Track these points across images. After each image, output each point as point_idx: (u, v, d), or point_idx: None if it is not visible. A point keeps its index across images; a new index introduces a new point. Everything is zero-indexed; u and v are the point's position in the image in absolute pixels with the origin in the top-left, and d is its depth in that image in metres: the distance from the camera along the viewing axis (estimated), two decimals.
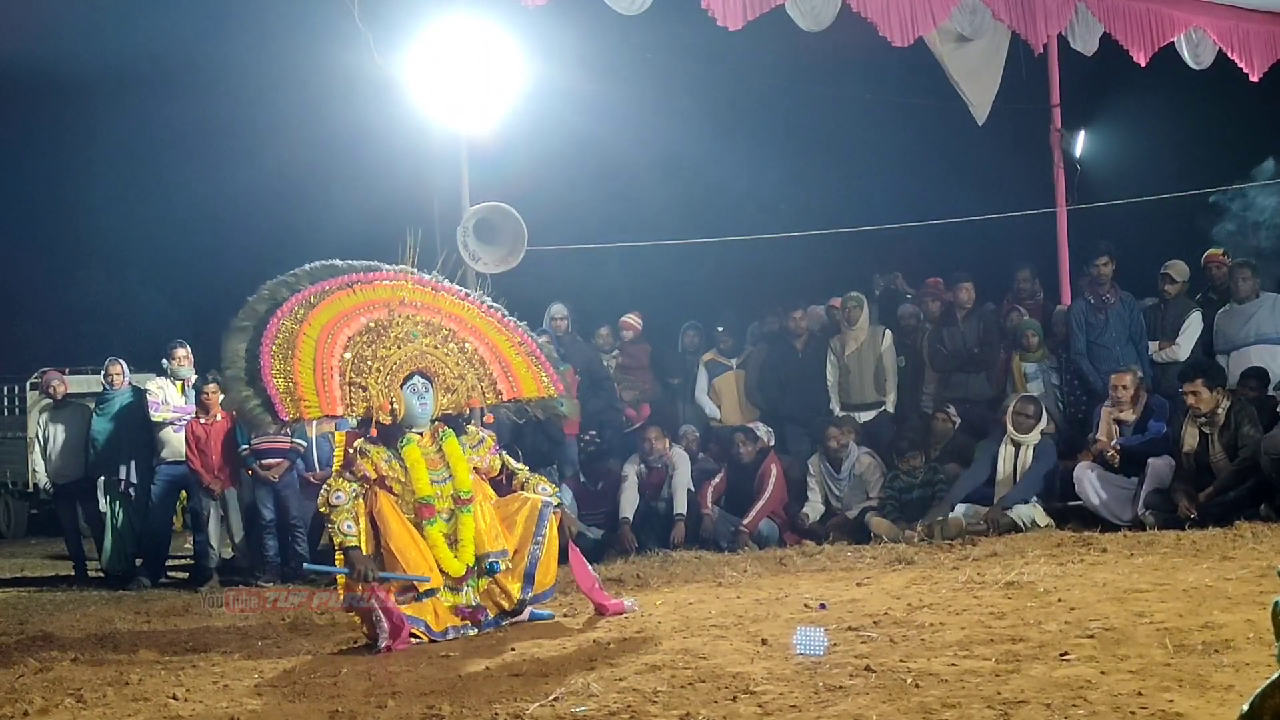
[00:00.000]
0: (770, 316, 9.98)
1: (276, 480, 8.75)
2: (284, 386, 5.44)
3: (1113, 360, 8.48)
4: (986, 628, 4.71)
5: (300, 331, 5.56)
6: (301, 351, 5.52)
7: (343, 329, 5.66)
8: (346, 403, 5.59)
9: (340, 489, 5.51)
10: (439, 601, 5.53)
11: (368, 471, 5.56)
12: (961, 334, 9.12)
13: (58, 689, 4.80)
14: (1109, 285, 8.78)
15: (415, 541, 5.55)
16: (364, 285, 5.86)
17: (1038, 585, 5.56)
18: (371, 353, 5.68)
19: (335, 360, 5.58)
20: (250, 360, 5.49)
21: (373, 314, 5.78)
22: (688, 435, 9.07)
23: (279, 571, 8.63)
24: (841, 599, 5.68)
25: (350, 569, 5.40)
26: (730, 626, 5.16)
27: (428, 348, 5.83)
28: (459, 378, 5.87)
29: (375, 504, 5.54)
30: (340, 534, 5.44)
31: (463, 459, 5.75)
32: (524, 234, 8.21)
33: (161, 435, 9.11)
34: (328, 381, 5.52)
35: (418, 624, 5.42)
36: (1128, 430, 8.04)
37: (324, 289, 5.76)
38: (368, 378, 5.63)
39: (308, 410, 5.52)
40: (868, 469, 8.64)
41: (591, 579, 5.95)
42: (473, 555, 5.62)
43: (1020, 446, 8.14)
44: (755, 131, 13.50)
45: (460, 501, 5.66)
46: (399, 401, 5.65)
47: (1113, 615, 4.74)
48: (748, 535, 8.35)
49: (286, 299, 5.66)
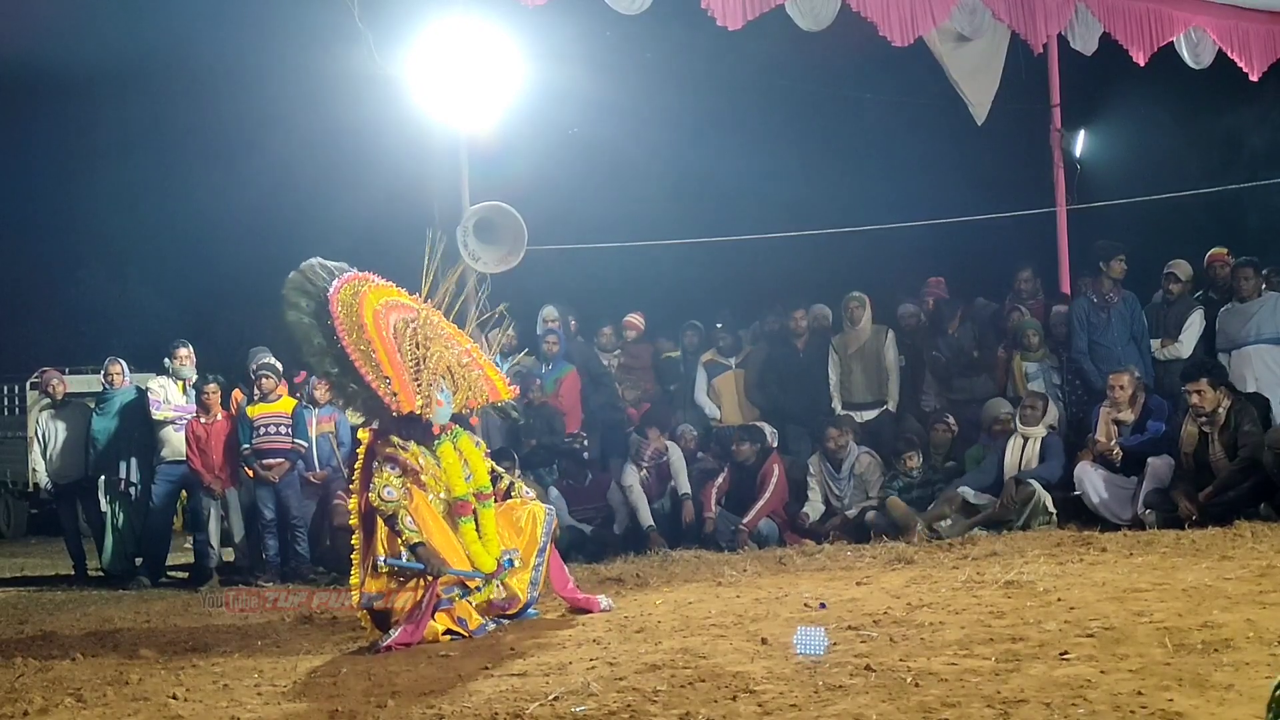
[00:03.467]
0: (771, 316, 9.98)
1: (277, 480, 8.75)
2: (378, 382, 5.45)
3: (1114, 360, 8.48)
4: (986, 627, 4.72)
5: (359, 328, 5.53)
6: (374, 347, 5.51)
7: (383, 327, 5.64)
8: (421, 399, 5.59)
9: (390, 485, 5.46)
10: (469, 599, 5.58)
11: (412, 464, 5.55)
12: (956, 340, 9.13)
13: (57, 688, 4.81)
14: (1112, 285, 8.79)
15: (450, 539, 5.59)
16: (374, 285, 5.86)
17: (1037, 584, 5.56)
18: (410, 350, 5.69)
19: (398, 356, 5.60)
20: (333, 356, 5.51)
21: (402, 312, 5.79)
22: (685, 435, 9.08)
23: (279, 571, 8.63)
24: (841, 598, 5.68)
25: (425, 565, 5.40)
26: (730, 626, 5.16)
27: (444, 348, 5.88)
28: (464, 379, 5.91)
29: (411, 502, 5.55)
30: (407, 530, 5.41)
31: (479, 456, 5.85)
32: (524, 233, 8.21)
33: (162, 435, 9.10)
34: (400, 376, 5.54)
35: (462, 624, 5.49)
36: (1126, 430, 8.04)
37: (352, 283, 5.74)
38: (420, 374, 5.66)
39: (404, 404, 5.50)
40: (868, 468, 8.64)
41: (566, 579, 6.02)
42: (499, 550, 5.70)
43: (1028, 441, 8.17)
44: (755, 131, 13.49)
45: (481, 497, 5.76)
46: (432, 400, 5.68)
47: (1112, 614, 4.74)
48: (748, 535, 8.35)
49: (327, 293, 5.61)
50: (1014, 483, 7.91)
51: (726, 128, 13.38)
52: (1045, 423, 8.21)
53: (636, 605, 6.00)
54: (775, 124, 13.44)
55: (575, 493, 8.71)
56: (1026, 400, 8.32)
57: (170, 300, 18.60)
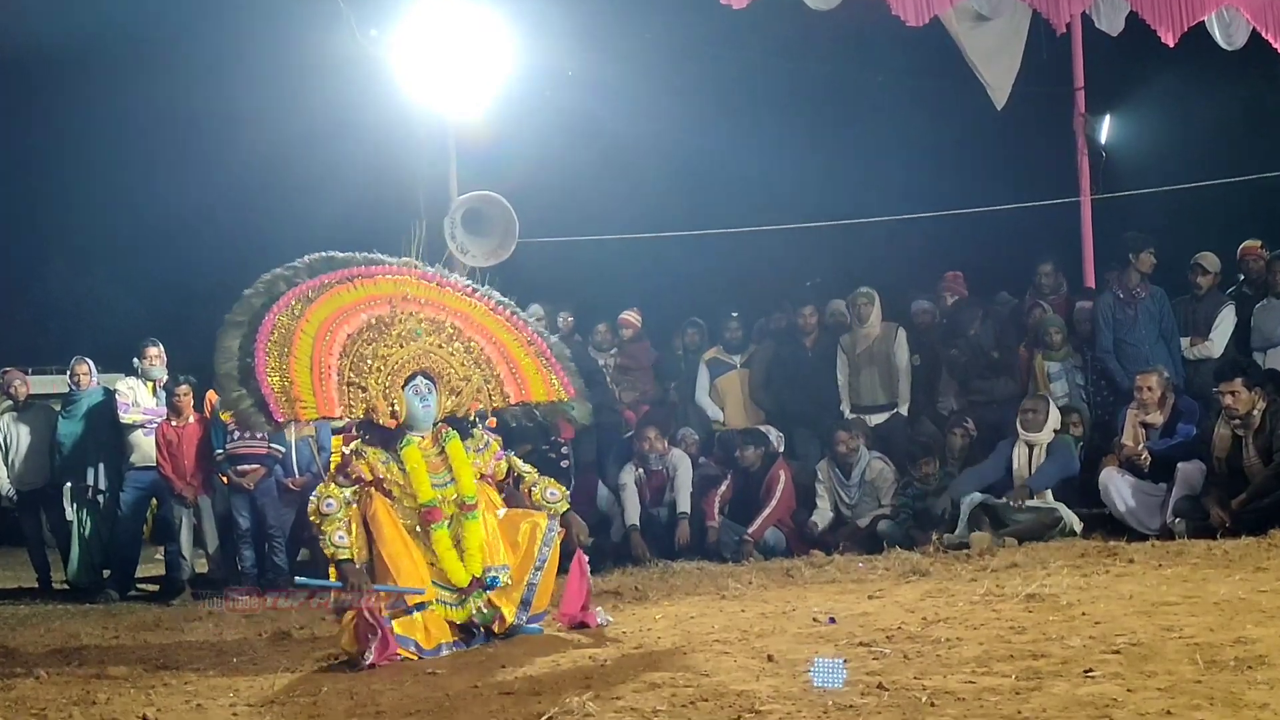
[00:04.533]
0: (778, 313, 9.96)
1: (253, 487, 8.74)
2: (279, 385, 5.46)
3: (1141, 359, 8.48)
4: (1006, 643, 4.71)
5: (298, 328, 5.58)
6: (298, 349, 5.54)
7: (342, 325, 5.69)
8: (345, 404, 5.61)
9: (331, 496, 5.51)
10: (430, 615, 5.51)
11: (363, 473, 5.57)
12: (975, 338, 9.11)
13: (20, 709, 4.80)
14: (1140, 279, 8.78)
15: (409, 550, 5.54)
16: (365, 279, 5.88)
17: (1060, 598, 5.56)
18: (372, 351, 5.70)
19: (334, 359, 5.61)
20: (244, 357, 5.51)
21: (374, 310, 5.80)
22: (686, 439, 9.08)
23: (255, 584, 8.60)
24: (852, 613, 5.67)
25: (342, 582, 5.39)
26: (734, 642, 5.16)
27: (431, 346, 5.85)
28: (464, 379, 5.88)
29: (370, 508, 5.54)
30: (331, 545, 5.43)
31: (467, 463, 5.74)
32: (515, 225, 8.21)
33: (131, 439, 9.10)
34: (325, 381, 5.55)
35: (407, 643, 5.39)
36: (1155, 434, 8.03)
37: (323, 283, 5.79)
38: (367, 377, 5.65)
39: (304, 411, 5.54)
40: (879, 475, 8.64)
41: (583, 598, 5.90)
42: (480, 565, 5.61)
43: (1034, 447, 8.16)
44: (760, 118, 13.49)
45: (465, 507, 5.66)
46: (400, 403, 5.67)
47: (1140, 630, 4.74)
48: (753, 545, 8.35)
49: (283, 293, 5.69)
50: (1025, 489, 7.92)
51: (729, 114, 13.36)
52: (1049, 426, 8.20)
53: (635, 620, 5.99)
54: (781, 109, 13.44)
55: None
56: (1026, 404, 8.29)
57: (140, 296, 18.55)
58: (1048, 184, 10.63)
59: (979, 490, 8.09)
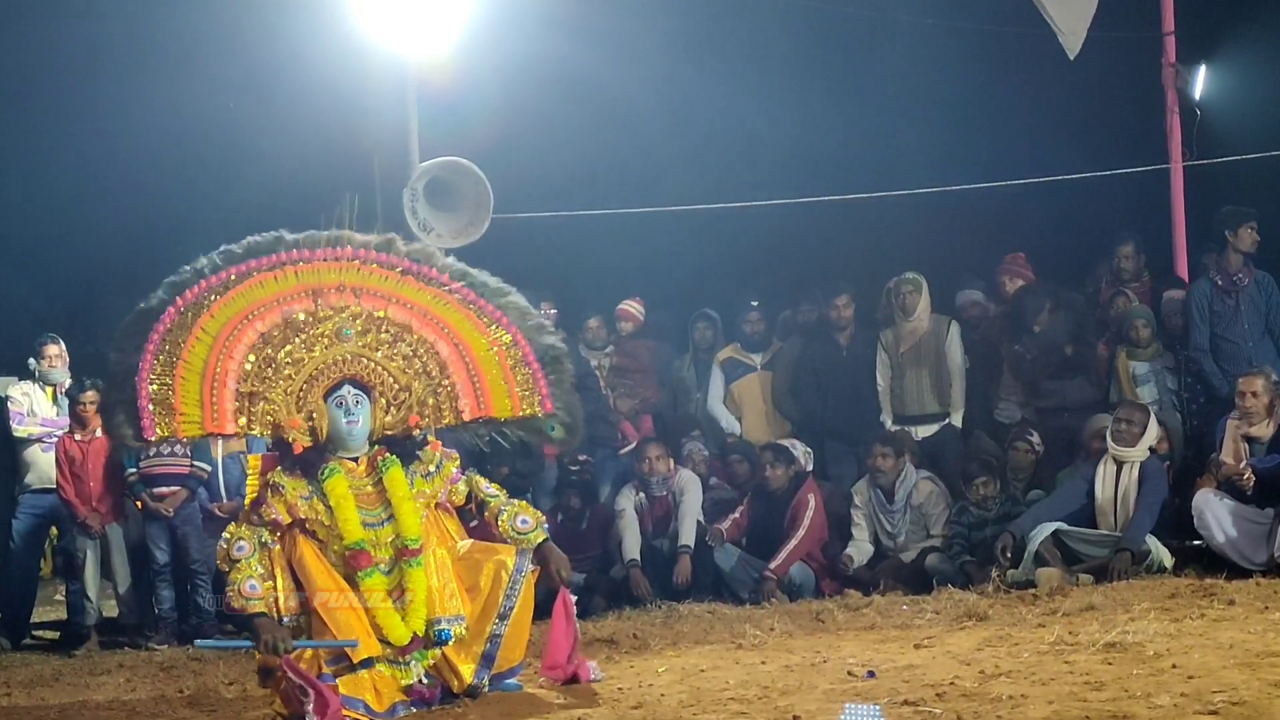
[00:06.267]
0: (805, 304, 9.96)
1: (172, 514, 8.74)
2: (158, 394, 5.45)
3: (1244, 359, 8.50)
4: (1081, 701, 4.71)
5: (197, 325, 5.57)
6: (190, 352, 5.53)
7: (253, 324, 5.67)
8: (244, 417, 5.58)
9: (242, 538, 5.48)
10: (378, 674, 5.47)
11: (278, 514, 5.51)
12: (1044, 334, 9.06)
13: None
14: (1242, 262, 8.78)
15: (348, 598, 5.50)
16: (302, 266, 5.79)
17: (1146, 647, 5.57)
18: (286, 354, 5.66)
19: (233, 362, 5.58)
20: (127, 356, 5.50)
21: (295, 305, 5.76)
22: (694, 454, 9.07)
23: (175, 630, 8.62)
24: (895, 665, 5.68)
25: (255, 640, 5.34)
26: (753, 700, 5.16)
27: (362, 349, 5.77)
28: (404, 389, 5.81)
29: (295, 552, 5.51)
30: (241, 598, 5.39)
31: (409, 497, 5.65)
32: (489, 198, 8.21)
33: (26, 455, 9.09)
34: (218, 390, 5.52)
35: (355, 705, 5.35)
36: (1261, 449, 8.03)
37: (246, 270, 5.75)
38: (274, 385, 5.62)
39: (184, 426, 5.55)
40: (928, 498, 8.65)
41: (570, 647, 5.86)
42: (423, 620, 5.52)
43: (1123, 466, 8.14)
44: (784, 70, 13.46)
45: (406, 552, 5.56)
46: (320, 417, 5.61)
47: (1242, 685, 4.74)
48: (775, 583, 8.36)
49: (193, 284, 5.67)
50: (1126, 555, 7.83)
51: (748, 64, 13.34)
52: (1146, 442, 8.18)
53: (633, 673, 6.00)
54: (810, 59, 13.40)
55: (572, 539, 8.62)
56: (1120, 413, 8.27)
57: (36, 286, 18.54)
58: (1129, 148, 10.63)
59: (1053, 522, 8.05)
